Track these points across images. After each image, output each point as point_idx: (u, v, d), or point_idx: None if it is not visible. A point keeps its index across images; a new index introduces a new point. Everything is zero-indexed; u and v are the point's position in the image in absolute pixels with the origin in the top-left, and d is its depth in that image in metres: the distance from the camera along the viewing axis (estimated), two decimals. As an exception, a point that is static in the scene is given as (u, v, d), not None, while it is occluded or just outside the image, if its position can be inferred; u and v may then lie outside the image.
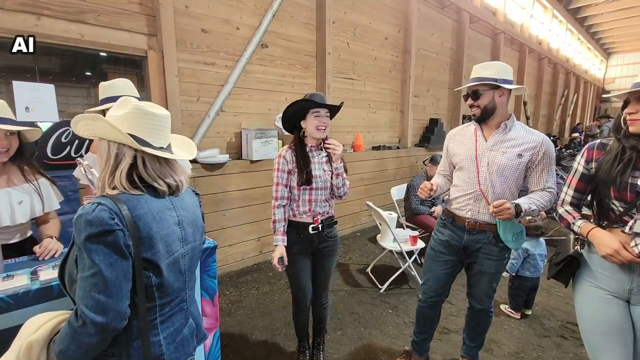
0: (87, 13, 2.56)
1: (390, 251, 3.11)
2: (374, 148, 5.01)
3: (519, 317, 2.57)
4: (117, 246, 0.76)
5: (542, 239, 2.58)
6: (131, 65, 3.08)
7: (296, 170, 1.72)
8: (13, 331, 0.84)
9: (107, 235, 0.75)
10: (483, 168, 1.56)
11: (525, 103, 9.45)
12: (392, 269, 3.20)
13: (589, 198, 1.33)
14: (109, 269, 0.75)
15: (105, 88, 1.70)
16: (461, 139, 1.69)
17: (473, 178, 1.60)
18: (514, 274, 2.55)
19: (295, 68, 3.96)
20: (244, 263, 3.37)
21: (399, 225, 3.72)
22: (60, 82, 2.93)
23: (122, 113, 0.84)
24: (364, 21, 4.64)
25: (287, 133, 3.87)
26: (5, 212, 1.25)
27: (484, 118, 1.58)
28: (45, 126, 2.28)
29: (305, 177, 1.69)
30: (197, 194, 1.10)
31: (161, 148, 0.87)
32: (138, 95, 1.73)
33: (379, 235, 3.29)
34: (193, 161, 3.15)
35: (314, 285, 1.93)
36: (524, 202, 1.49)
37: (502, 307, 2.67)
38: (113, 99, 1.60)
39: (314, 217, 1.77)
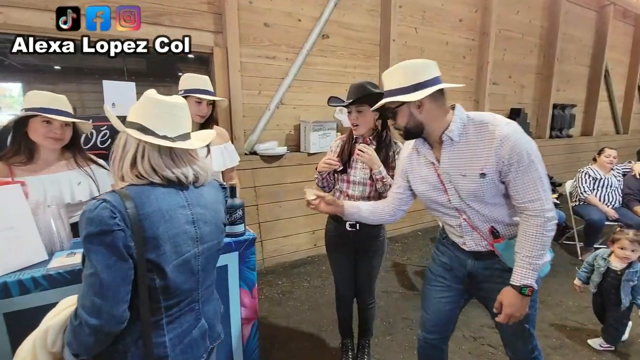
0: (163, 16, 2.78)
1: (453, 255, 2.83)
2: (441, 141, 4.63)
3: (613, 349, 2.11)
4: (116, 247, 0.73)
5: None
6: (200, 63, 3.30)
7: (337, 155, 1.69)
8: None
9: (106, 236, 0.72)
10: (454, 196, 1.20)
11: (641, 88, 7.79)
12: (454, 275, 2.92)
13: None
14: (106, 270, 0.72)
15: (183, 80, 1.78)
16: (417, 165, 1.29)
17: (449, 208, 1.23)
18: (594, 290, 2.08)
19: (357, 58, 3.83)
20: (298, 255, 3.40)
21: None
22: (143, 81, 3.29)
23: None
24: (435, 3, 4.26)
25: (346, 125, 3.76)
26: (67, 191, 1.43)
27: (412, 137, 1.22)
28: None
29: (342, 162, 1.64)
30: (224, 187, 1.06)
31: (165, 137, 0.83)
32: (210, 89, 1.78)
33: (440, 236, 3.02)
34: (253, 153, 3.26)
35: (357, 284, 1.85)
36: (522, 273, 1.10)
37: (593, 343, 2.13)
38: (190, 91, 1.70)
39: None
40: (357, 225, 1.68)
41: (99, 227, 0.72)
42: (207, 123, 1.80)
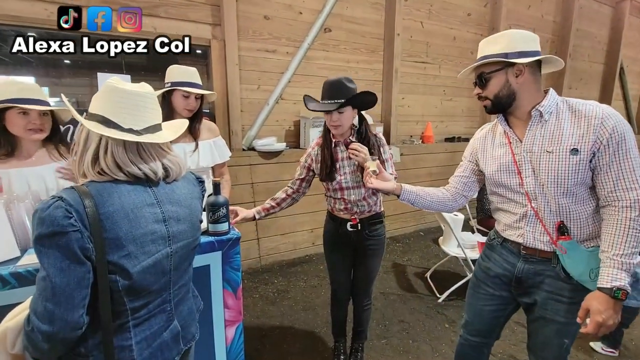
0: (159, 7, 2.72)
1: (456, 257, 2.74)
2: (447, 140, 4.51)
3: (617, 354, 2.02)
4: (70, 250, 0.67)
5: None
6: (197, 56, 3.23)
7: (319, 166, 1.61)
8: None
9: (59, 237, 0.66)
10: (529, 179, 1.11)
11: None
12: (455, 277, 2.83)
13: None
14: (59, 274, 0.66)
15: (170, 71, 1.69)
16: (490, 146, 1.23)
17: (518, 193, 1.14)
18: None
19: (360, 52, 3.73)
20: (296, 253, 3.34)
21: (469, 228, 3.27)
22: (147, 74, 3.22)
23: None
24: (443, -4, 4.13)
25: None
26: (52, 183, 1.39)
27: (498, 110, 1.15)
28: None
29: (327, 172, 1.56)
30: (201, 181, 0.99)
31: (131, 130, 0.76)
32: (198, 82, 1.69)
33: (441, 237, 2.93)
34: (251, 149, 3.20)
35: (354, 285, 1.80)
36: (612, 274, 0.97)
37: (595, 345, 2.08)
38: (177, 84, 1.63)
39: (351, 216, 1.61)
40: (359, 225, 1.62)
41: (50, 228, 0.66)
42: (195, 118, 1.73)
